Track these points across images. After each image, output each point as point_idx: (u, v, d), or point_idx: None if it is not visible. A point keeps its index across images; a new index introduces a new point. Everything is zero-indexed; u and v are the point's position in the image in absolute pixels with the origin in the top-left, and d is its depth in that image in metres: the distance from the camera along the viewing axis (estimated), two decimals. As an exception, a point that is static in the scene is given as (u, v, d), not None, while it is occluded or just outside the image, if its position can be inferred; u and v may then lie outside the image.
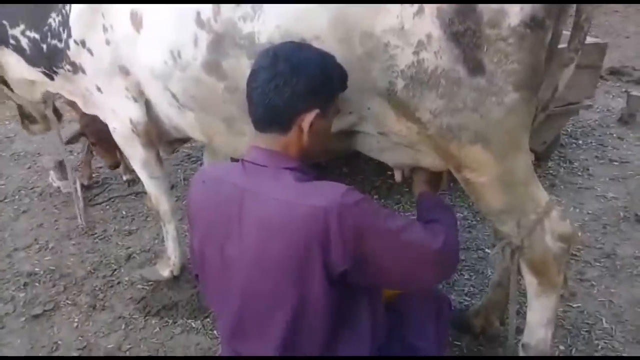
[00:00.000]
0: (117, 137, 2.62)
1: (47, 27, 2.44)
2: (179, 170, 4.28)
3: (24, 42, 2.54)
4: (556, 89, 1.80)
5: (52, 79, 2.59)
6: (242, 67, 1.82)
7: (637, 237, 3.20)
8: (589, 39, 3.63)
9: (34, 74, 2.66)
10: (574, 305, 2.71)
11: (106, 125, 2.64)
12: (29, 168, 4.52)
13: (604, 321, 2.62)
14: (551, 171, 3.95)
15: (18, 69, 2.70)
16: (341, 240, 1.43)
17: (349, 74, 1.63)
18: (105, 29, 2.23)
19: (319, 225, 1.42)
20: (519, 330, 2.18)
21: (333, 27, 1.63)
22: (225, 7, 1.79)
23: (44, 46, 2.48)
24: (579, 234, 3.22)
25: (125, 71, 2.29)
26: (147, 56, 2.10)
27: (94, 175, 4.19)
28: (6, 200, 4.01)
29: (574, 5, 1.65)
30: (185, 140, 2.72)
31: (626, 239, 3.19)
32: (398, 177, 2.15)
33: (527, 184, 1.79)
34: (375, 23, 1.58)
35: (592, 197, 3.63)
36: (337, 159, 3.87)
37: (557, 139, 4.04)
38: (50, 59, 2.49)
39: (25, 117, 3.44)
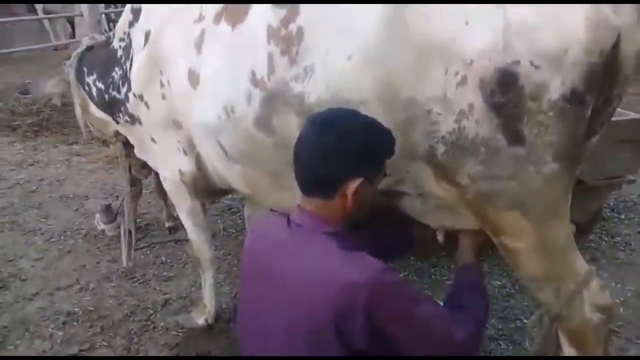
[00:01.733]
0: (167, 185, 2.76)
1: (110, 80, 2.65)
2: (219, 221, 4.37)
3: (94, 90, 2.88)
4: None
5: (117, 122, 2.84)
6: (290, 124, 1.91)
7: (679, 317, 3.10)
8: (633, 115, 3.67)
9: (104, 115, 2.94)
10: (616, 383, 2.63)
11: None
12: (76, 210, 4.68)
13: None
14: (593, 244, 3.88)
15: (93, 108, 3.05)
16: (366, 317, 1.45)
17: None
18: (162, 85, 2.38)
19: (350, 298, 1.44)
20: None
21: (378, 92, 1.70)
22: (279, 67, 1.89)
23: (107, 96, 2.69)
24: (621, 309, 3.14)
25: (178, 125, 2.42)
26: (201, 111, 2.21)
27: (137, 220, 4.30)
28: (52, 240, 4.15)
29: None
30: (228, 192, 2.82)
31: (668, 319, 3.08)
32: (440, 238, 2.17)
33: (566, 252, 1.80)
34: (419, 90, 1.65)
35: (634, 273, 3.53)
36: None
37: (599, 211, 3.99)
38: (112, 107, 2.72)
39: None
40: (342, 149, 1.56)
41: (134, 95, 2.57)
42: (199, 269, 3.01)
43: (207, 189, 2.70)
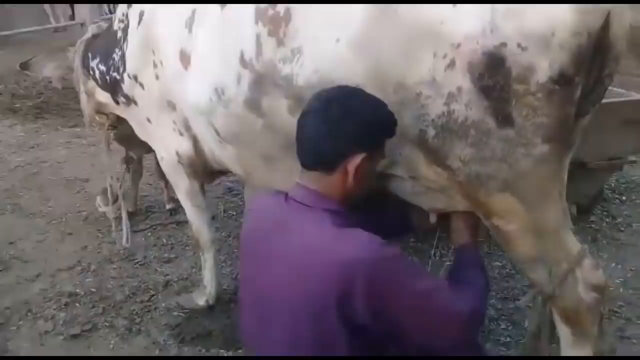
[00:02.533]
0: (164, 166, 2.79)
1: (111, 61, 2.67)
2: (220, 203, 4.40)
3: (97, 73, 2.90)
4: None
5: (117, 103, 2.86)
6: (280, 105, 1.92)
7: (681, 296, 3.11)
8: (635, 96, 3.65)
9: (106, 97, 2.96)
10: (615, 364, 2.64)
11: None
12: (77, 192, 4.72)
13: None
14: (594, 225, 3.89)
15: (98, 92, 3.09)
16: (367, 294, 1.46)
17: None
18: (155, 65, 2.39)
19: (348, 275, 1.45)
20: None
21: (368, 76, 1.71)
22: (266, 49, 1.90)
23: (108, 78, 2.74)
24: (621, 290, 3.16)
25: (172, 106, 2.44)
26: (193, 92, 2.23)
27: (137, 203, 4.34)
28: (53, 222, 4.19)
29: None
30: (225, 172, 2.83)
31: (668, 298, 3.09)
32: (433, 219, 2.19)
33: (559, 232, 1.80)
34: (408, 74, 1.65)
35: (634, 254, 3.55)
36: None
37: (600, 193, 4.00)
38: (113, 89, 2.76)
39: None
40: (347, 123, 1.57)
41: (129, 76, 2.59)
42: (199, 250, 3.04)
43: (204, 170, 2.72)
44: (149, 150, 3.24)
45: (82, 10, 11.47)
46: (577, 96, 1.58)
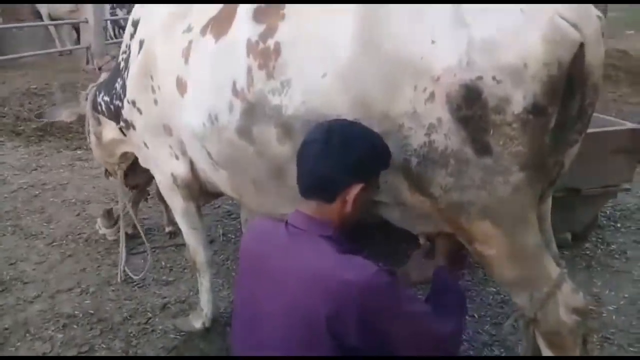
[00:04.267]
0: (161, 188, 2.90)
1: (114, 90, 2.80)
2: (219, 226, 4.45)
3: (104, 105, 3.06)
4: (562, 167, 1.90)
5: (122, 131, 2.96)
6: (269, 134, 2.00)
7: (674, 324, 3.12)
8: (629, 125, 3.72)
9: (113, 130, 3.10)
10: (606, 390, 2.66)
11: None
12: (78, 215, 4.77)
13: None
14: (588, 252, 3.91)
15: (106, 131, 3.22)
16: (359, 316, 1.52)
17: None
18: (153, 90, 2.49)
19: (344, 298, 1.52)
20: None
21: (353, 108, 1.78)
22: (257, 80, 1.98)
23: (112, 107, 2.90)
24: (613, 317, 3.19)
25: (168, 130, 2.53)
26: (188, 118, 2.32)
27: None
28: (54, 244, 4.24)
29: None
30: (220, 194, 2.89)
31: (661, 326, 3.11)
32: (422, 241, 2.24)
33: (537, 257, 1.86)
34: (391, 106, 1.73)
35: (628, 281, 3.56)
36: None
37: (594, 220, 4.05)
38: (116, 116, 2.89)
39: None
40: (347, 155, 1.65)
41: (128, 101, 2.69)
42: (196, 272, 3.08)
43: (200, 192, 2.79)
44: (152, 178, 3.32)
45: (87, 34, 11.70)
46: (552, 125, 1.65)
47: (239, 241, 4.12)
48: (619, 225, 4.33)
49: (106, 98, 3.04)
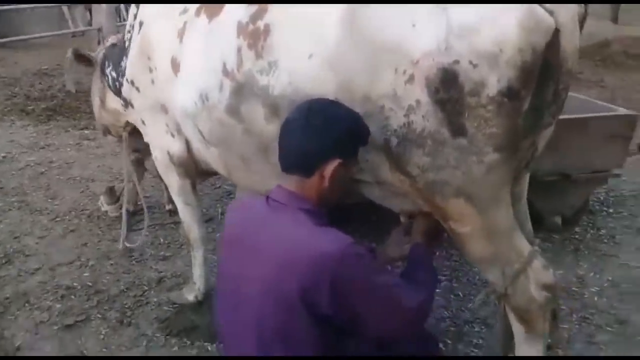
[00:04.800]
0: (158, 165, 2.97)
1: (120, 68, 2.92)
2: (218, 205, 4.56)
3: (110, 79, 3.15)
4: (536, 148, 1.97)
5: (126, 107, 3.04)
6: (257, 113, 2.08)
7: (654, 306, 3.18)
8: (622, 110, 3.77)
9: (117, 103, 3.18)
10: (580, 366, 2.74)
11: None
12: (82, 192, 4.90)
13: (608, 384, 2.63)
14: (577, 236, 3.98)
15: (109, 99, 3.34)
16: (331, 286, 1.60)
17: None
18: (150, 70, 2.57)
19: (317, 268, 1.59)
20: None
21: (338, 89, 1.85)
22: (246, 60, 2.06)
23: (117, 84, 3.00)
24: (595, 298, 3.26)
25: (165, 109, 2.61)
26: (181, 97, 2.40)
27: (139, 203, 4.49)
28: (57, 219, 4.37)
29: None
30: (214, 173, 2.97)
31: (642, 308, 3.18)
32: (402, 219, 2.32)
33: (510, 234, 1.93)
34: (373, 88, 1.80)
35: (614, 265, 3.63)
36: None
37: (585, 205, 4.10)
38: (119, 94, 3.00)
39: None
40: (326, 131, 1.72)
41: (127, 80, 2.77)
42: (190, 247, 3.17)
43: (195, 170, 2.88)
44: None
45: (99, 16, 11.76)
46: (525, 109, 1.71)
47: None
48: (611, 210, 4.40)
49: (114, 74, 3.12)
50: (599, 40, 10.32)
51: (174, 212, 4.33)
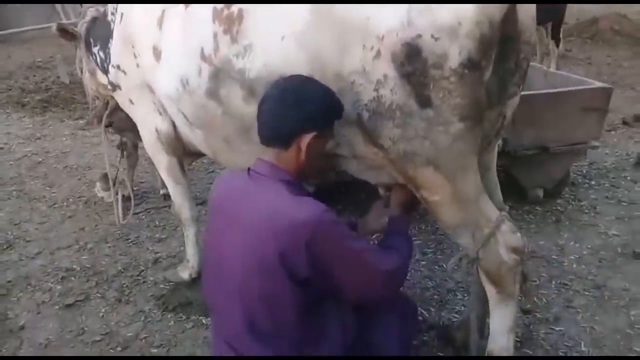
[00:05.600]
0: (146, 144, 3.08)
1: (108, 50, 3.00)
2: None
3: (98, 59, 3.22)
4: (504, 118, 2.08)
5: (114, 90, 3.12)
6: (235, 95, 2.19)
7: (630, 271, 3.31)
8: (597, 84, 3.87)
9: (105, 80, 3.22)
10: (557, 329, 2.86)
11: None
12: (79, 179, 5.03)
13: (582, 345, 2.76)
14: (559, 207, 4.10)
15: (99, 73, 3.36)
16: (308, 251, 1.73)
17: None
18: (135, 56, 2.68)
19: (295, 234, 1.72)
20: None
21: (310, 68, 1.95)
22: (222, 45, 2.15)
23: (106, 65, 3.07)
24: (574, 265, 3.39)
25: (151, 89, 2.71)
26: (163, 82, 2.51)
27: (134, 188, 4.62)
28: (55, 206, 4.51)
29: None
30: (202, 154, 3.07)
31: (619, 273, 3.30)
32: (381, 192, 2.43)
33: (478, 201, 2.04)
34: (343, 65, 1.90)
35: (594, 234, 3.75)
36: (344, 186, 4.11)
37: (566, 177, 4.21)
38: (107, 73, 3.07)
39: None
40: (300, 104, 1.83)
41: (113, 66, 2.88)
42: (182, 227, 3.29)
43: (182, 149, 2.99)
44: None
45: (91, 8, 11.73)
46: (486, 79, 1.83)
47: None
48: (593, 182, 4.51)
49: (101, 54, 3.18)
50: (587, 18, 10.41)
51: (168, 196, 4.45)
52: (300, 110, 1.83)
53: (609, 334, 2.83)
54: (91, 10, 3.46)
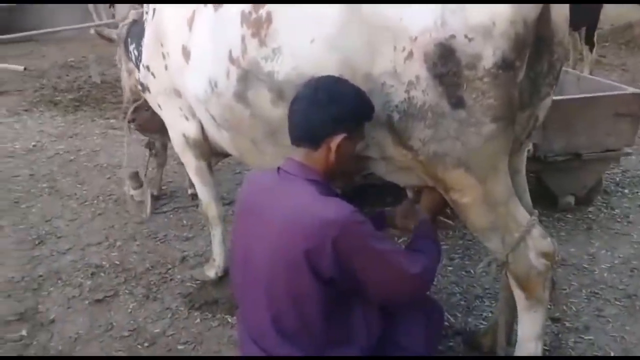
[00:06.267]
0: (175, 148, 3.12)
1: (141, 48, 3.04)
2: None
3: (133, 57, 3.29)
4: (536, 119, 2.06)
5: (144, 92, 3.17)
6: (263, 98, 2.19)
7: (663, 282, 3.23)
8: (631, 89, 3.80)
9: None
10: (586, 338, 2.81)
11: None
12: (109, 178, 5.08)
13: (612, 354, 2.70)
14: (590, 215, 4.03)
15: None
16: (334, 250, 1.73)
17: None
18: (164, 57, 2.70)
19: (322, 233, 1.72)
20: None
21: (340, 71, 1.95)
22: (251, 48, 2.16)
23: (138, 62, 3.10)
24: (605, 274, 3.33)
25: (178, 93, 2.74)
26: (192, 83, 2.53)
27: (163, 187, 4.69)
28: (86, 204, 4.57)
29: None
30: (228, 154, 3.09)
31: (652, 283, 3.23)
32: (410, 194, 2.42)
33: (508, 203, 2.02)
34: (373, 66, 1.90)
35: (626, 243, 3.68)
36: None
37: (598, 184, 4.13)
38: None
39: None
40: (331, 105, 1.83)
41: (143, 65, 2.91)
42: (209, 226, 3.32)
43: (210, 151, 3.02)
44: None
45: (123, 9, 11.94)
46: (520, 79, 1.81)
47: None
48: (626, 191, 4.43)
49: (136, 52, 3.25)
50: (622, 24, 10.23)
51: (195, 196, 4.49)
52: (332, 111, 1.83)
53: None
54: (132, 13, 3.55)
